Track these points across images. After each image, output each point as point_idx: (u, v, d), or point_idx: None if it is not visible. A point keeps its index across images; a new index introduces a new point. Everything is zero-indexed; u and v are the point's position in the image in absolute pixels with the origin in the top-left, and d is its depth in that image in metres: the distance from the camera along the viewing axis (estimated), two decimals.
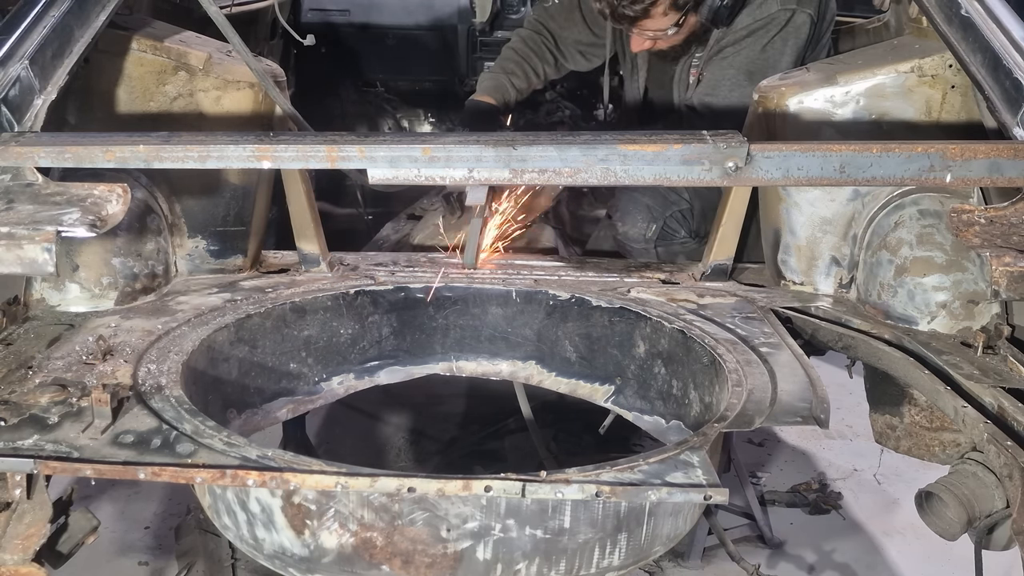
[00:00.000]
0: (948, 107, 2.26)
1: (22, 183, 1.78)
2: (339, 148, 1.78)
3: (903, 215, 2.18)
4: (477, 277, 2.41)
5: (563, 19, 3.21)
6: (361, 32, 4.25)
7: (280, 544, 1.65)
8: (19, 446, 1.54)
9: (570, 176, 1.79)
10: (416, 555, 1.59)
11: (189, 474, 1.49)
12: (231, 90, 2.31)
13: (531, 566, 1.61)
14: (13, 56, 1.92)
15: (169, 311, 2.13)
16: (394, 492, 1.49)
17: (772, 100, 2.32)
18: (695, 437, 1.63)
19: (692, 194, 2.86)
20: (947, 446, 2.12)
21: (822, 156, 1.77)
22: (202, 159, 1.79)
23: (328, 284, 2.34)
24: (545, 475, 1.46)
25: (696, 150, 1.76)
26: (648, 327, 2.21)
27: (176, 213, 2.34)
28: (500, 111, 3.12)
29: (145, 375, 1.80)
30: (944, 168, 1.76)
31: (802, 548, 3.19)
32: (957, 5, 2.11)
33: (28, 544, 1.47)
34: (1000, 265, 1.63)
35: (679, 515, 1.72)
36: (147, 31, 2.33)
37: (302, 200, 2.41)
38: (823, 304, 2.28)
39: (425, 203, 3.34)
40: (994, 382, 1.82)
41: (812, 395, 1.80)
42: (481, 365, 2.44)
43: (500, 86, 3.14)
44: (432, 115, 4.50)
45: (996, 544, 1.79)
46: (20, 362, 1.84)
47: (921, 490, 1.86)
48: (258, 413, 2.19)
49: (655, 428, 2.24)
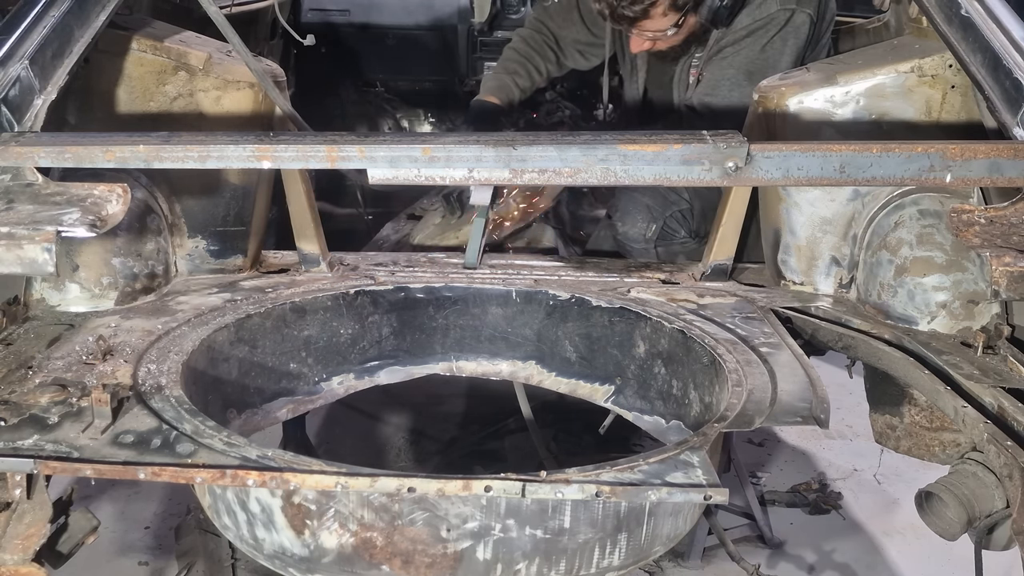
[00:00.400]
0: (948, 107, 2.26)
1: (22, 183, 1.78)
2: (339, 148, 1.78)
3: (903, 215, 2.18)
4: (477, 277, 2.41)
5: (562, 19, 3.22)
6: (361, 32, 4.25)
7: (280, 544, 1.65)
8: (19, 446, 1.54)
9: (570, 176, 1.79)
10: (416, 555, 1.59)
11: (189, 474, 1.49)
12: (231, 90, 2.31)
13: (531, 566, 1.61)
14: (13, 56, 1.92)
15: (169, 311, 2.13)
16: (394, 492, 1.49)
17: (772, 100, 2.32)
18: (695, 437, 1.63)
19: (692, 194, 2.86)
20: (947, 446, 2.12)
21: (822, 156, 1.77)
22: (202, 159, 1.79)
23: (328, 284, 2.34)
24: (545, 475, 1.46)
25: (696, 150, 1.76)
26: (648, 327, 2.21)
27: (176, 213, 2.34)
28: (504, 111, 3.14)
29: (145, 375, 1.80)
30: (944, 168, 1.77)
31: (802, 548, 3.19)
32: (957, 5, 2.11)
33: (28, 544, 1.47)
34: (1000, 265, 1.63)
35: (679, 515, 1.72)
36: (147, 31, 2.33)
37: (302, 200, 2.41)
38: (823, 304, 2.28)
39: (425, 203, 3.34)
40: (994, 382, 1.82)
41: (812, 395, 1.80)
42: (481, 365, 2.44)
43: (504, 86, 3.14)
44: (432, 115, 4.50)
45: (996, 544, 1.79)
46: (20, 362, 1.84)
47: (921, 490, 1.86)
48: (258, 413, 2.19)
49: (655, 428, 2.24)
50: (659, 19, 2.70)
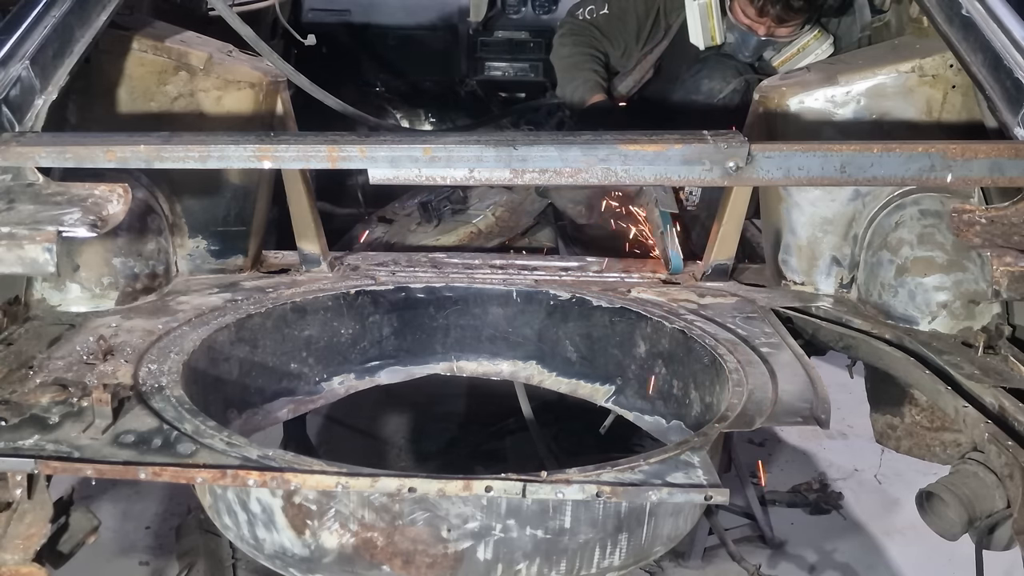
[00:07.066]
0: (949, 107, 2.26)
1: (23, 183, 1.78)
2: (340, 148, 1.78)
3: (904, 215, 2.18)
4: (478, 277, 2.41)
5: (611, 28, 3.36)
6: (361, 32, 4.24)
7: (281, 544, 1.65)
8: (20, 446, 1.54)
9: (571, 176, 1.79)
10: (417, 555, 1.59)
11: (190, 474, 1.49)
12: (232, 90, 2.31)
13: (532, 566, 1.61)
14: (14, 56, 1.92)
15: (170, 311, 2.13)
16: (395, 492, 1.49)
17: (773, 100, 2.32)
18: (696, 437, 1.63)
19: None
20: (948, 446, 2.12)
21: (823, 156, 1.77)
22: (203, 159, 1.79)
23: (329, 284, 2.34)
24: (546, 475, 1.46)
25: (697, 150, 1.76)
26: (649, 327, 2.21)
27: (177, 213, 2.34)
28: (615, 105, 3.28)
29: (146, 375, 1.80)
30: (945, 168, 1.77)
31: (803, 548, 3.19)
32: (958, 5, 2.11)
33: (29, 544, 1.48)
34: (1001, 265, 1.63)
35: (680, 515, 1.73)
36: (148, 31, 2.33)
37: (303, 200, 2.41)
38: (824, 304, 2.28)
39: (397, 207, 3.30)
40: (995, 382, 1.82)
41: (813, 395, 1.80)
42: (482, 365, 2.44)
43: (596, 83, 3.29)
44: (432, 115, 4.49)
45: (997, 544, 1.79)
46: (21, 362, 1.84)
47: (922, 490, 1.86)
48: (259, 413, 2.19)
49: (656, 428, 2.24)
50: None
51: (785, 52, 3.14)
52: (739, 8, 3.09)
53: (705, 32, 3.15)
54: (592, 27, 3.35)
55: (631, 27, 3.33)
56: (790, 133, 2.28)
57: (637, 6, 3.32)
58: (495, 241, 3.05)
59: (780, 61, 3.15)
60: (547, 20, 4.18)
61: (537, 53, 4.20)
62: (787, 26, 3.07)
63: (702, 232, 2.87)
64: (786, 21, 3.05)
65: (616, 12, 3.33)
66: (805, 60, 3.07)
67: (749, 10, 3.06)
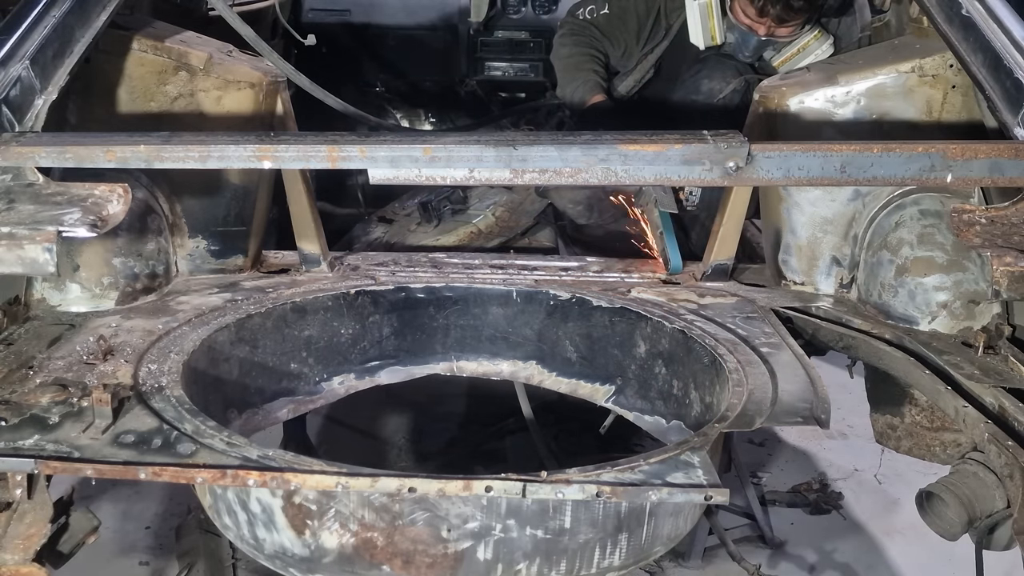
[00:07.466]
0: (949, 107, 2.26)
1: (23, 183, 1.78)
2: (340, 148, 1.78)
3: (904, 215, 2.18)
4: (478, 277, 2.41)
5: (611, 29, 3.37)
6: (362, 32, 4.24)
7: (281, 544, 1.65)
8: (20, 446, 1.54)
9: (571, 176, 1.79)
10: (417, 555, 1.59)
11: (190, 474, 1.49)
12: (232, 90, 2.31)
13: (532, 566, 1.61)
14: (14, 56, 1.92)
15: (170, 311, 2.13)
16: (395, 492, 1.49)
17: (773, 100, 2.32)
18: (696, 437, 1.63)
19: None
20: (948, 446, 2.12)
21: (823, 156, 1.77)
22: (203, 159, 1.79)
23: (329, 284, 2.34)
24: (546, 475, 1.46)
25: (697, 150, 1.76)
26: (649, 327, 2.21)
27: (177, 213, 2.34)
28: (616, 105, 3.29)
29: (146, 375, 1.80)
30: (945, 168, 1.77)
31: (803, 548, 3.19)
32: (958, 5, 2.11)
33: (29, 544, 1.48)
34: (1001, 265, 1.63)
35: (680, 515, 1.72)
36: (148, 31, 2.33)
37: (303, 200, 2.41)
38: (824, 304, 2.28)
39: (397, 207, 3.31)
40: (995, 382, 1.82)
41: (813, 395, 1.80)
42: (482, 365, 2.44)
43: (596, 83, 3.29)
44: (432, 115, 4.50)
45: (997, 544, 1.79)
46: (21, 362, 1.84)
47: (922, 490, 1.86)
48: (259, 413, 2.19)
49: (656, 428, 2.24)
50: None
51: (785, 52, 3.14)
52: (739, 8, 3.09)
53: (705, 32, 3.16)
54: (592, 27, 3.36)
55: (631, 27, 3.33)
56: (790, 133, 2.28)
57: (637, 6, 3.32)
58: (495, 241, 3.05)
59: (780, 61, 3.16)
60: (547, 20, 4.18)
61: (537, 53, 4.20)
62: (787, 26, 3.07)
63: (702, 232, 2.87)
64: (786, 21, 3.05)
65: (616, 12, 3.34)
66: (805, 60, 3.07)
67: (749, 10, 3.06)
